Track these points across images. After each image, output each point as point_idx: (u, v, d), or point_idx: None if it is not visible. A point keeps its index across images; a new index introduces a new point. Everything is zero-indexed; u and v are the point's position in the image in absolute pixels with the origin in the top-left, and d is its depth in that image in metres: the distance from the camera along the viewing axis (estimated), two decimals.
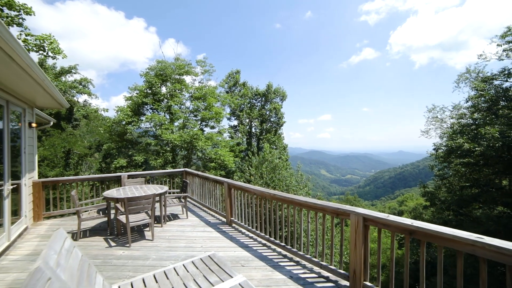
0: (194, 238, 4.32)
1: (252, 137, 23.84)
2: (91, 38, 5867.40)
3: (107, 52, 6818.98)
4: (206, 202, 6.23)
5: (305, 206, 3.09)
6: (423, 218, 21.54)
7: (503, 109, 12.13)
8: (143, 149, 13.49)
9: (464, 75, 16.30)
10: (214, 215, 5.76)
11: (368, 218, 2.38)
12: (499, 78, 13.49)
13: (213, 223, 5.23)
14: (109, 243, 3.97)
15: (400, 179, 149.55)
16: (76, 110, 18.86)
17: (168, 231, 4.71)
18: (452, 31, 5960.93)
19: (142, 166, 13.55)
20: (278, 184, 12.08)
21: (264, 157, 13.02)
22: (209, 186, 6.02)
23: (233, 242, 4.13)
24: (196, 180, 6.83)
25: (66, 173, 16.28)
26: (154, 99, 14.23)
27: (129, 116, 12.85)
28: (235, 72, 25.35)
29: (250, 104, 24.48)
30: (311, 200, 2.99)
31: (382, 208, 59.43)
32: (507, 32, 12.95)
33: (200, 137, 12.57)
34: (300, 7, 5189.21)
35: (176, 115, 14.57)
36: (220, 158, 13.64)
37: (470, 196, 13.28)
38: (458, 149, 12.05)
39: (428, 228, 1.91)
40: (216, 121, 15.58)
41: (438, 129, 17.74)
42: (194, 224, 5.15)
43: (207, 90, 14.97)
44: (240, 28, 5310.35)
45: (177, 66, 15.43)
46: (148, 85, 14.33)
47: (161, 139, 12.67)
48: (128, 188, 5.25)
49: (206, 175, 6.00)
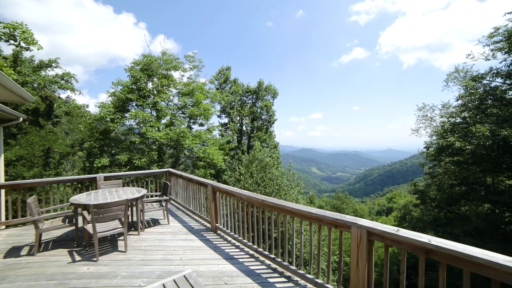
0: (173, 249, 3.85)
1: (243, 135, 23.34)
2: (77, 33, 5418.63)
3: (95, 48, 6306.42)
4: (190, 206, 5.75)
5: (298, 215, 2.69)
6: (412, 216, 21.79)
7: (491, 108, 12.20)
8: (127, 148, 12.77)
9: (453, 74, 16.41)
10: (199, 220, 5.29)
11: (374, 232, 2.00)
12: (487, 77, 13.59)
13: (196, 229, 4.76)
14: (73, 257, 3.43)
15: (389, 177, 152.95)
16: (57, 106, 17.79)
17: (145, 240, 4.21)
18: (438, 33, 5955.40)
19: (127, 165, 12.86)
20: (268, 183, 11.70)
21: (254, 156, 12.59)
22: (193, 188, 5.54)
23: (217, 253, 3.68)
24: (180, 181, 6.33)
25: (45, 173, 15.32)
26: (139, 95, 13.50)
27: (111, 112, 12.10)
28: (226, 68, 24.72)
29: (241, 101, 23.94)
30: (305, 208, 2.59)
31: (371, 205, 60.27)
32: (494, 32, 13.01)
33: (187, 135, 11.98)
34: (292, 6, 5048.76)
35: (162, 112, 13.90)
36: (209, 156, 13.10)
37: (459, 194, 13.36)
38: (449, 147, 12.02)
39: (451, 248, 1.53)
40: (204, 118, 14.98)
41: (428, 127, 17.86)
42: (175, 231, 4.66)
43: (195, 86, 14.34)
44: (232, 26, 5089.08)
45: (164, 60, 14.71)
46: (133, 81, 13.58)
47: (146, 137, 12.00)
48: (101, 191, 4.70)
49: (189, 177, 5.51)
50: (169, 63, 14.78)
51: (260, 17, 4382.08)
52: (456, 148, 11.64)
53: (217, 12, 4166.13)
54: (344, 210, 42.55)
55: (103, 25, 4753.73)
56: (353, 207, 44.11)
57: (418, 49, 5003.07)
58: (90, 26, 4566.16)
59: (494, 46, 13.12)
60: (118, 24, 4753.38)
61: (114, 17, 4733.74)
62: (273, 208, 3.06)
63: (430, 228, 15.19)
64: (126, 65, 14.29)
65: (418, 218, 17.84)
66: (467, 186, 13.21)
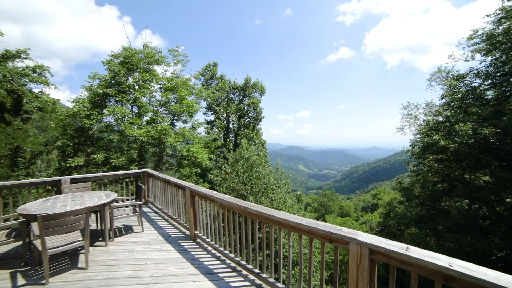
0: (144, 262, 3.36)
1: (229, 132, 22.80)
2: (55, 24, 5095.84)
3: (76, 41, 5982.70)
4: (169, 211, 5.25)
5: (285, 225, 2.30)
6: (397, 212, 22.26)
7: (472, 107, 12.50)
8: (105, 146, 11.92)
9: (436, 74, 16.74)
10: (177, 227, 4.81)
11: (377, 251, 1.64)
12: (467, 77, 13.93)
13: (173, 237, 4.28)
14: (16, 280, 2.86)
15: (374, 174, 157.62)
16: (27, 101, 16.41)
17: (113, 252, 3.68)
18: (419, 36, 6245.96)
19: (107, 165, 12.01)
20: (255, 182, 11.33)
21: (240, 154, 12.16)
22: (171, 191, 5.04)
23: (195, 266, 3.24)
24: (158, 183, 5.79)
25: (12, 174, 14.09)
26: (118, 90, 12.63)
27: (87, 108, 11.20)
28: (212, 64, 24.01)
29: (227, 98, 23.35)
30: (293, 218, 2.20)
31: (357, 201, 61.47)
32: (473, 35, 13.33)
33: (169, 132, 11.31)
34: (280, 5, 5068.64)
35: (144, 108, 13.10)
36: (193, 155, 12.50)
37: (442, 191, 13.63)
38: (433, 145, 12.17)
39: (482, 277, 1.19)
40: (188, 115, 14.31)
41: (412, 126, 18.17)
42: (149, 240, 4.16)
43: (178, 81, 13.62)
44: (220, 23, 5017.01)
45: (146, 54, 13.86)
46: (111, 75, 12.67)
47: (125, 134, 11.22)
48: (63, 197, 4.11)
49: (167, 178, 5.00)
50: (151, 57, 13.97)
51: (248, 15, 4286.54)
52: (440, 146, 11.79)
53: (205, 9, 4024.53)
54: (331, 207, 43.14)
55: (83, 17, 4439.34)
56: (339, 204, 44.82)
57: (401, 50, 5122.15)
58: (69, 18, 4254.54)
59: (473, 47, 13.46)
60: (100, 17, 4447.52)
61: (95, 9, 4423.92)
62: (256, 216, 2.66)
63: (415, 225, 15.48)
64: (104, 58, 13.33)
65: (402, 215, 18.21)
66: (449, 183, 13.51)
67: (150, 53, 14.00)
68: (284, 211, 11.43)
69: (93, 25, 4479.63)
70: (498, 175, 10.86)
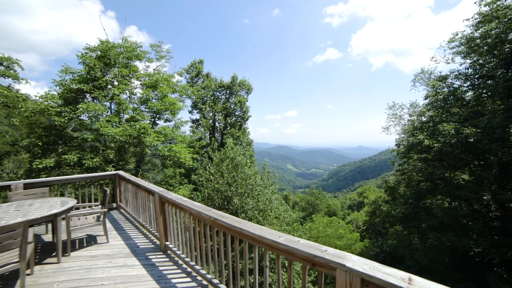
0: (101, 283, 2.86)
1: (215, 131, 22.21)
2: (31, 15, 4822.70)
3: (55, 35, 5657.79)
4: (140, 217, 4.73)
5: (260, 242, 1.91)
6: (382, 211, 22.59)
7: (454, 107, 12.75)
8: (79, 146, 11.05)
9: (419, 75, 17.03)
10: (148, 236, 4.31)
11: (371, 282, 1.28)
12: (449, 79, 14.24)
13: (142, 249, 3.79)
14: None
15: (359, 172, 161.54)
16: None
17: (65, 270, 3.15)
18: (402, 39, 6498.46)
19: (83, 165, 11.13)
20: (240, 183, 10.91)
21: (225, 154, 11.69)
22: (142, 196, 4.53)
23: (161, 285, 2.78)
24: (129, 187, 5.24)
25: None
26: (94, 86, 11.76)
27: (58, 105, 10.30)
28: (198, 61, 23.28)
29: (213, 96, 22.73)
30: (270, 235, 1.81)
31: (343, 199, 62.38)
32: (452, 38, 13.62)
33: (148, 131, 10.64)
34: (268, 5, 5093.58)
35: (123, 105, 12.30)
36: (176, 155, 11.89)
37: (425, 189, 13.84)
38: (418, 145, 12.27)
39: None
40: (171, 114, 13.63)
41: (397, 125, 18.42)
42: (113, 253, 3.64)
43: (160, 77, 12.91)
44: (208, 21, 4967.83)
45: (125, 48, 13.04)
46: (87, 69, 11.78)
47: (100, 133, 10.43)
48: (5, 207, 3.50)
49: (137, 182, 4.48)
50: (131, 52, 13.17)
51: (237, 13, 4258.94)
52: (424, 146, 11.90)
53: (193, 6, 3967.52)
54: (318, 206, 43.48)
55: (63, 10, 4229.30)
56: (326, 203, 45.29)
57: (385, 53, 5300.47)
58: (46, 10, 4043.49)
59: (454, 50, 13.76)
60: (81, 11, 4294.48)
61: (77, 3, 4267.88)
62: (228, 230, 2.25)
63: (400, 223, 15.67)
64: (78, 51, 12.39)
65: (388, 213, 18.44)
66: (432, 182, 13.73)
67: (130, 47, 13.21)
68: (270, 213, 11.11)
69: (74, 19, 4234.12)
70: (477, 174, 11.08)
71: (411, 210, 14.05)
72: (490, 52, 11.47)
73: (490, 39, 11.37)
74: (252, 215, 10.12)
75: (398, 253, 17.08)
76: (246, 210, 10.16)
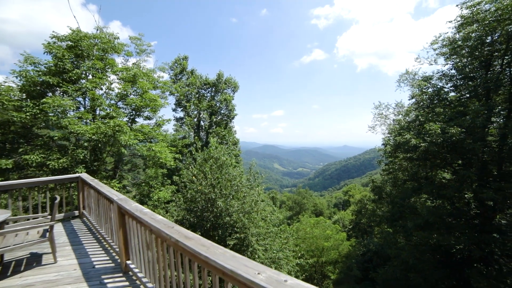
0: None
1: (200, 130, 21.38)
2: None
3: (28, 26, 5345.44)
4: (102, 228, 4.04)
5: (232, 279, 1.37)
6: (368, 210, 22.78)
7: (438, 107, 12.87)
8: (44, 145, 9.97)
9: (404, 76, 17.19)
10: (109, 251, 3.64)
11: None
12: (434, 79, 14.41)
13: (97, 270, 3.13)
14: None
15: (345, 171, 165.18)
16: None
17: None
18: (384, 42, 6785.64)
19: (48, 166, 10.03)
20: (225, 185, 10.31)
21: (209, 154, 11.03)
22: (103, 204, 3.84)
23: None
24: (92, 193, 4.52)
25: None
26: (63, 79, 10.66)
27: (16, 99, 9.19)
28: (183, 58, 22.33)
29: (198, 94, 21.88)
30: (245, 271, 1.27)
31: (329, 198, 63.28)
32: (435, 40, 13.79)
33: (124, 129, 9.76)
34: (256, 4, 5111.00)
35: (97, 101, 11.27)
36: (156, 155, 11.08)
37: (411, 189, 13.89)
38: (405, 144, 12.24)
39: None
40: (151, 111, 12.76)
41: (383, 125, 18.52)
42: (57, 279, 2.95)
43: (138, 71, 11.99)
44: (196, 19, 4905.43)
45: (101, 39, 11.99)
46: (55, 60, 10.65)
47: (69, 131, 9.43)
48: None
49: (97, 188, 3.79)
50: (107, 43, 12.15)
51: (225, 12, 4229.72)
52: (411, 145, 11.87)
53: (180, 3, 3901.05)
54: (305, 205, 43.59)
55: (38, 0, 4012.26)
56: (313, 202, 45.53)
57: (369, 55, 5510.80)
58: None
59: (437, 52, 13.93)
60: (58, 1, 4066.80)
61: None
62: (193, 257, 1.69)
63: (386, 223, 15.71)
64: (45, 40, 11.18)
65: (373, 212, 18.52)
66: (417, 181, 13.82)
67: (105, 38, 12.18)
68: (256, 215, 10.56)
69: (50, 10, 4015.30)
70: (461, 174, 11.18)
71: (397, 210, 14.07)
72: (471, 54, 11.65)
73: (471, 41, 11.55)
74: (237, 218, 9.56)
75: (385, 252, 17.16)
76: (231, 213, 9.58)
